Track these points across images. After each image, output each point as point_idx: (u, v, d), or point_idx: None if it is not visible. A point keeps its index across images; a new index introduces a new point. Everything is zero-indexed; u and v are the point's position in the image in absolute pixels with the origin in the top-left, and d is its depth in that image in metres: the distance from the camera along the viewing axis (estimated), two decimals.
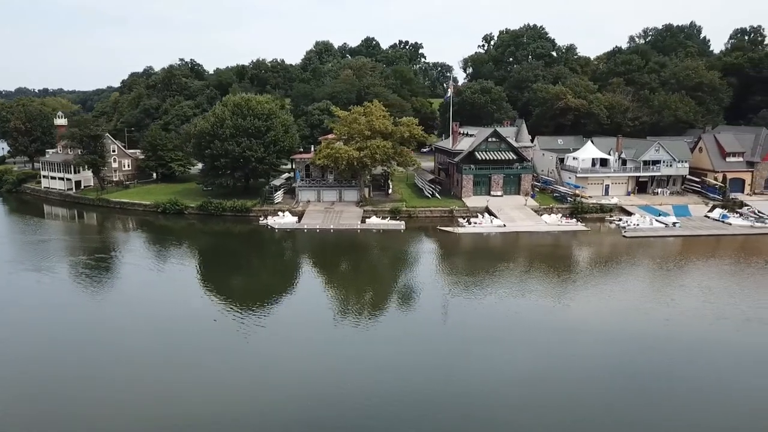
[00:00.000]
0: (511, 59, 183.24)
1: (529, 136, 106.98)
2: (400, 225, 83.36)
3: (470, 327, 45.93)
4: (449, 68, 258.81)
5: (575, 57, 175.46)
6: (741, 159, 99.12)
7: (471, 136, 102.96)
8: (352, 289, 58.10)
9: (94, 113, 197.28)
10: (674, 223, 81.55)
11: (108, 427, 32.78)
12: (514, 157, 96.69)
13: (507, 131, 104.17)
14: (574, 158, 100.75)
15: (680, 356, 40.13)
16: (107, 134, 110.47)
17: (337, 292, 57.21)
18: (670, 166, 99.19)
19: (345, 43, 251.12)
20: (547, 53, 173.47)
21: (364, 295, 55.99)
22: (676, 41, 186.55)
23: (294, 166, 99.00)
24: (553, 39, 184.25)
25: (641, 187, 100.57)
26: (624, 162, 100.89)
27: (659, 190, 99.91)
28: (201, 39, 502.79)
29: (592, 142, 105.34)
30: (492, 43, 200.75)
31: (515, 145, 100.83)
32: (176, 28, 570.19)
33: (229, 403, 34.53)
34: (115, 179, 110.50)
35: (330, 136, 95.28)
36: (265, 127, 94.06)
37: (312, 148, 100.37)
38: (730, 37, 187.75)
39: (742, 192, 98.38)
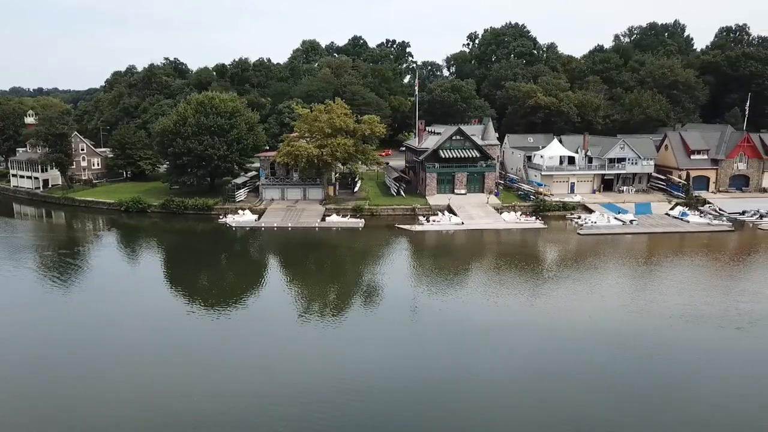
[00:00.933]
0: (494, 58, 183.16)
1: (496, 134, 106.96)
2: (358, 223, 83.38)
3: (426, 325, 46.32)
4: (439, 67, 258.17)
5: (555, 55, 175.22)
6: (706, 157, 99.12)
7: (438, 134, 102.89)
8: (311, 288, 58.01)
9: (78, 112, 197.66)
10: (631, 221, 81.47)
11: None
12: (478, 155, 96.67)
13: (473, 129, 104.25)
14: (540, 156, 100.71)
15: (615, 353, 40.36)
16: (76, 132, 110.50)
17: (295, 291, 57.07)
18: (635, 163, 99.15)
19: (332, 42, 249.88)
20: (528, 51, 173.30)
21: (326, 294, 55.96)
22: (658, 40, 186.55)
23: (259, 164, 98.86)
24: (535, 37, 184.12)
25: (607, 185, 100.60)
26: (590, 160, 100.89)
27: (625, 188, 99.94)
28: (201, 39, 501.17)
29: (560, 140, 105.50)
30: (477, 41, 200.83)
31: (481, 143, 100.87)
32: (176, 28, 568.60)
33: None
34: (84, 178, 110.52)
35: (294, 134, 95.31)
36: (228, 125, 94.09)
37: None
38: (715, 36, 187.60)
39: (707, 190, 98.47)
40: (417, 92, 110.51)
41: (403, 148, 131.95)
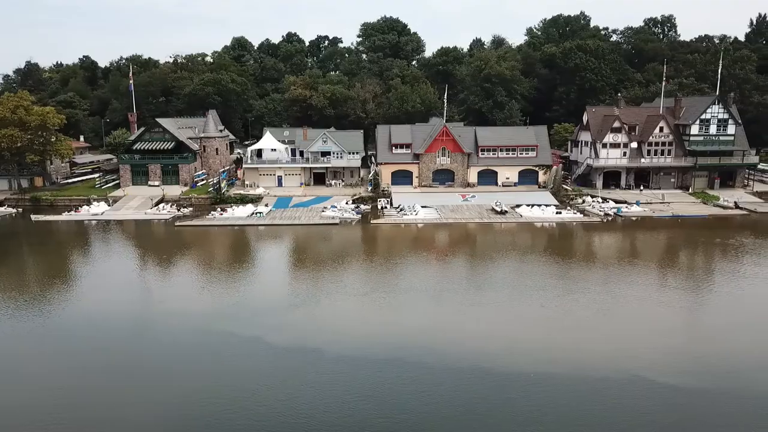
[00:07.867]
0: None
1: (221, 127, 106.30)
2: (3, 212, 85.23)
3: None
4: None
5: (415, 49, 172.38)
6: (408, 151, 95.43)
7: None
8: None
9: None
10: (258, 213, 79.95)
11: None
12: (172, 147, 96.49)
13: (195, 122, 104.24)
14: (249, 150, 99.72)
15: None
16: None
17: None
18: (341, 157, 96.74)
19: (267, 39, 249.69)
20: (388, 45, 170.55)
21: None
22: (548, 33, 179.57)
23: None
24: (415, 32, 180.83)
25: (321, 179, 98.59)
26: (302, 153, 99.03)
27: (334, 181, 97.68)
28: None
29: (286, 134, 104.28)
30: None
31: (200, 135, 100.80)
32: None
33: None
34: None
35: None
36: None
37: None
38: (639, 27, 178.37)
39: (411, 185, 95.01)
40: (132, 84, 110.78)
41: None
